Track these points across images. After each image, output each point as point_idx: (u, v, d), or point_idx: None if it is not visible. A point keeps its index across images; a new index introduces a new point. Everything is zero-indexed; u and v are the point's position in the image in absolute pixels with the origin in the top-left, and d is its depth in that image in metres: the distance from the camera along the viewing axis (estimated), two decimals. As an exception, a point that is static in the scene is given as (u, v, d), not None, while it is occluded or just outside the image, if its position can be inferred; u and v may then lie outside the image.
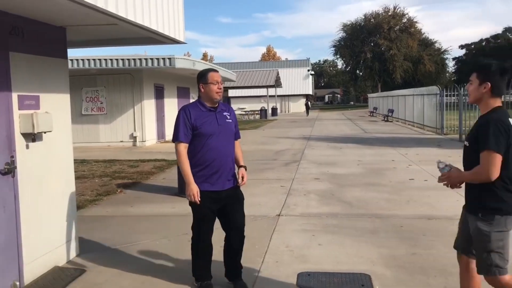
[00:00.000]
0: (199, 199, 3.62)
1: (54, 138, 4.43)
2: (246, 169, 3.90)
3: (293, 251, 4.99)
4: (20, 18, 3.98)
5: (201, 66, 18.45)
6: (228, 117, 3.83)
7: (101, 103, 16.86)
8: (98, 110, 16.89)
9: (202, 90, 3.75)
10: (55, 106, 4.47)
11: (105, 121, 16.95)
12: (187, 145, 3.69)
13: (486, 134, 2.80)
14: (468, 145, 2.99)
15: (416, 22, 64.31)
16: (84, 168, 11.25)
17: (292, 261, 4.69)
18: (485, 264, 2.91)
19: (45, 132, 4.19)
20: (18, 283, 3.93)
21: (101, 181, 9.58)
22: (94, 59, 15.09)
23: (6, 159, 3.81)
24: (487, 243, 2.87)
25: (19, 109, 3.98)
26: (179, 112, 3.75)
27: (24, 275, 4.04)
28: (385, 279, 4.16)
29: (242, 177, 3.83)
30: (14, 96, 3.93)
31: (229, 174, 3.80)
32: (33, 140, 4.13)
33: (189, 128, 3.66)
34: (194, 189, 3.61)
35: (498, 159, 2.77)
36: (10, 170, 3.82)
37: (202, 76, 3.76)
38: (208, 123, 3.69)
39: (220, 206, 3.79)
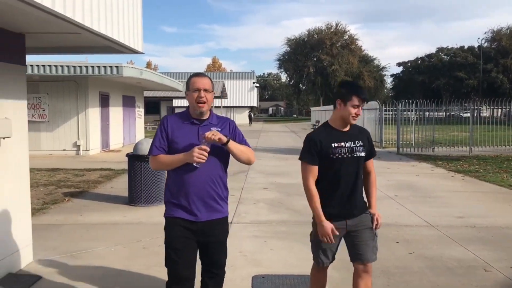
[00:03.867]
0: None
1: (11, 145, 4.41)
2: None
3: (246, 256, 5.20)
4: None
5: (148, 75, 18.38)
6: None
7: (43, 110, 16.33)
8: (39, 117, 16.34)
9: (187, 98, 3.12)
10: (13, 112, 4.45)
11: (47, 129, 16.42)
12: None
13: (372, 144, 3.43)
14: (363, 155, 3.30)
15: (356, 39, 67.05)
16: (27, 177, 10.90)
17: (246, 265, 4.91)
18: (375, 249, 3.36)
19: (3, 138, 4.18)
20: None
21: (46, 189, 9.35)
22: (37, 65, 14.57)
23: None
24: (375, 230, 3.36)
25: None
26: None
27: (-22, 283, 4.00)
28: (333, 281, 4.43)
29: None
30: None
31: (210, 203, 3.07)
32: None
33: (165, 139, 3.04)
34: (196, 150, 2.89)
35: None
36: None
37: (186, 82, 3.12)
38: (186, 137, 3.01)
39: (198, 240, 3.10)
